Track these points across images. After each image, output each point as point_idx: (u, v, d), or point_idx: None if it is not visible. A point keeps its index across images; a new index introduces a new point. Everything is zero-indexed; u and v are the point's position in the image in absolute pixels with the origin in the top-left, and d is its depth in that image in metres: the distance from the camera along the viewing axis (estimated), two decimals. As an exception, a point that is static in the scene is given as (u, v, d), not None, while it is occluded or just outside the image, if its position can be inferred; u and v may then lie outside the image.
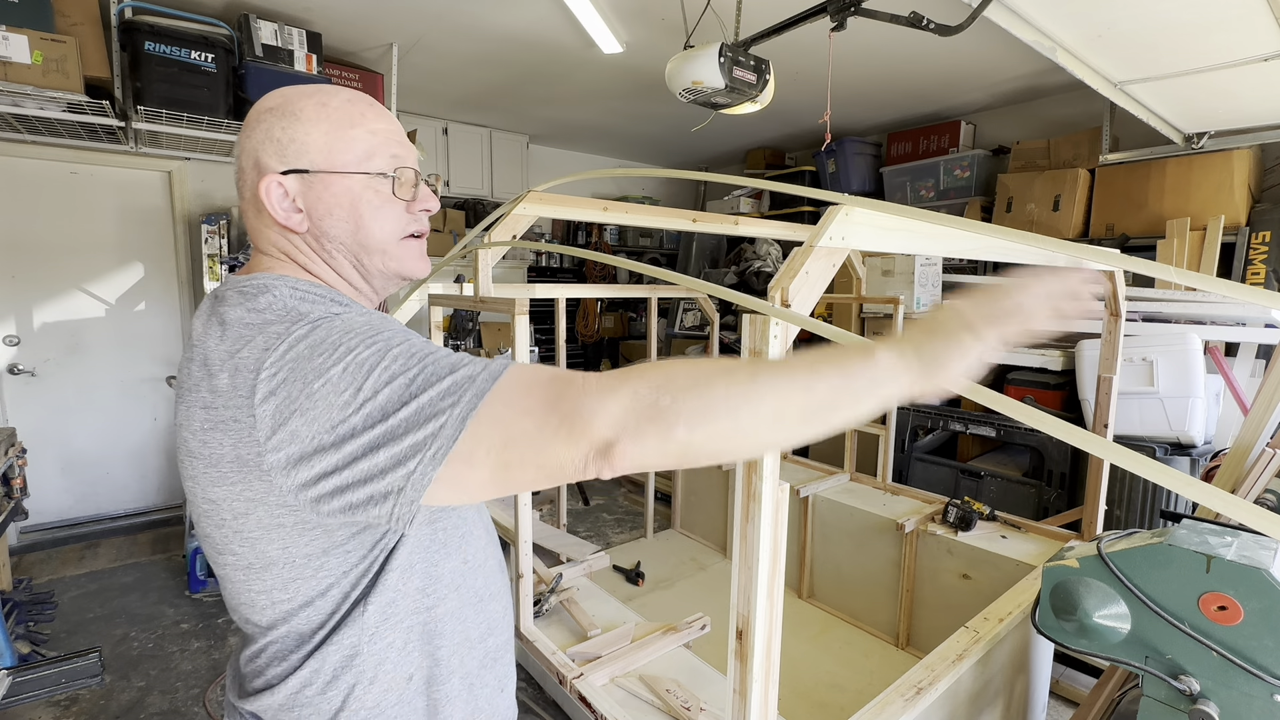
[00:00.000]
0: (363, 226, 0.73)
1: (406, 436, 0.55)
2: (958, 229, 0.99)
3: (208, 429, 0.63)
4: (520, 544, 1.78)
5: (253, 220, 0.74)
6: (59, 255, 3.50)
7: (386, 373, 0.58)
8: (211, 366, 0.64)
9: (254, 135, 0.71)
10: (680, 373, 0.56)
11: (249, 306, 0.67)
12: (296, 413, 0.58)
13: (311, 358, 0.59)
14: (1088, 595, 1.12)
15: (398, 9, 3.05)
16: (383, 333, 0.62)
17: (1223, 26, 2.00)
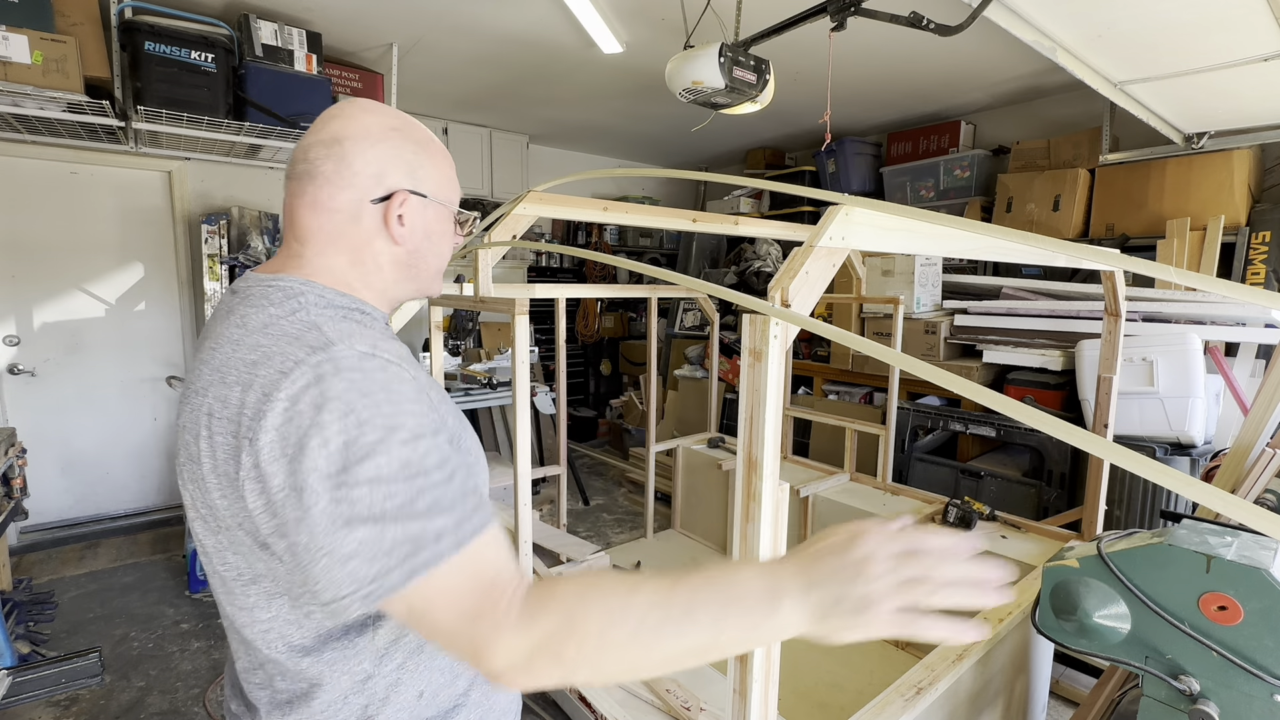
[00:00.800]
0: (435, 252, 0.81)
1: (391, 549, 0.58)
2: (958, 229, 0.99)
3: (211, 439, 0.64)
4: (520, 544, 1.78)
5: (333, 218, 0.74)
6: (59, 255, 3.50)
7: (410, 473, 0.60)
8: (226, 373, 0.64)
9: (378, 148, 0.74)
10: (595, 622, 0.58)
11: (273, 312, 0.68)
12: (304, 452, 0.59)
13: (323, 408, 0.59)
14: (1088, 595, 1.12)
15: (398, 9, 3.05)
16: (418, 418, 0.63)
17: (1223, 26, 2.00)
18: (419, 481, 0.60)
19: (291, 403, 0.60)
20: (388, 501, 0.58)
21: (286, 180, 0.76)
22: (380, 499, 0.58)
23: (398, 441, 0.61)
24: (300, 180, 0.74)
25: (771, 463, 0.93)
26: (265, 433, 0.60)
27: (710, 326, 3.56)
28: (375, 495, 0.58)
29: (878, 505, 2.66)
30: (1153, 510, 2.54)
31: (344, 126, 0.74)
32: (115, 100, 2.85)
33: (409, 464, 0.60)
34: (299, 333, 0.65)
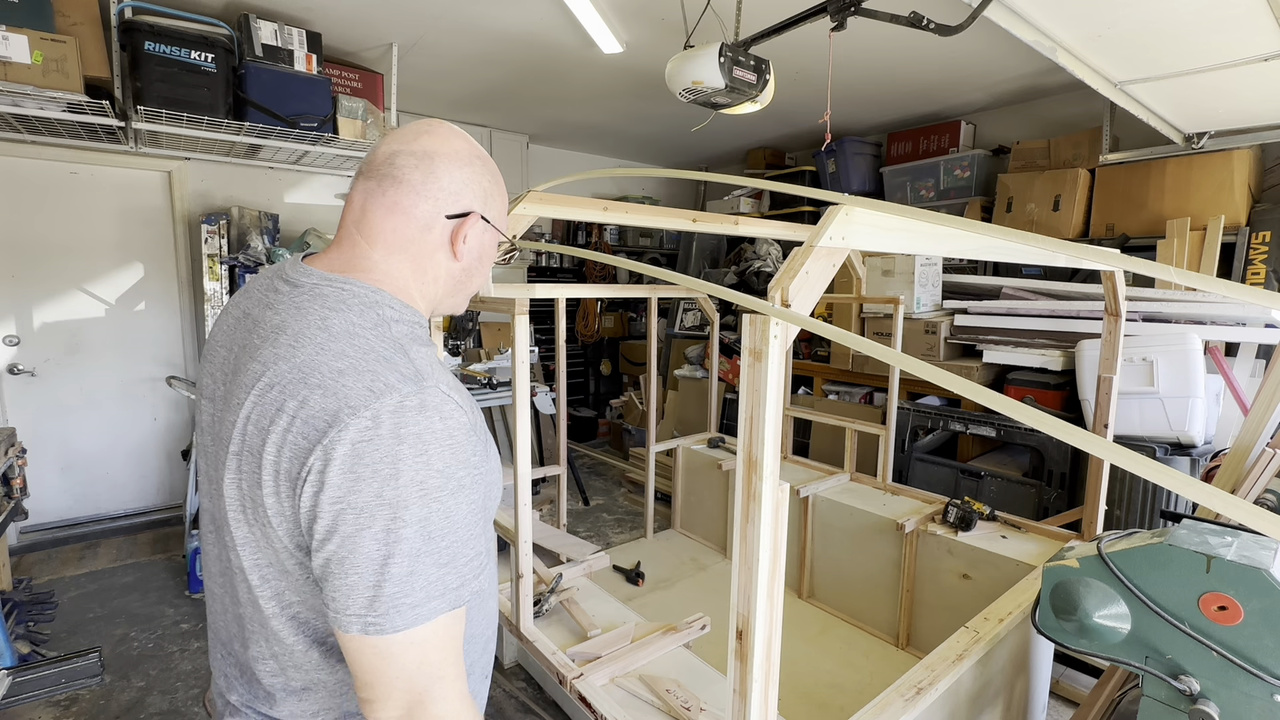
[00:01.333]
0: (481, 273, 0.87)
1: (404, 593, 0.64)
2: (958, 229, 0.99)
3: (280, 436, 0.65)
4: (520, 544, 1.78)
5: (409, 223, 0.77)
6: (59, 255, 3.50)
7: (400, 562, 0.64)
8: (309, 374, 0.66)
9: (468, 171, 0.80)
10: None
11: (355, 320, 0.70)
12: (335, 537, 0.63)
13: (400, 445, 0.63)
14: (1088, 595, 1.12)
15: (398, 9, 3.05)
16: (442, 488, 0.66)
17: (1223, 26, 2.00)
18: (449, 538, 0.66)
19: (375, 425, 0.63)
20: (423, 548, 0.64)
21: (362, 179, 0.78)
22: (419, 542, 0.63)
23: (447, 491, 0.65)
24: (383, 181, 0.77)
25: (771, 463, 0.93)
26: (342, 444, 0.62)
27: (710, 326, 3.56)
28: (417, 538, 0.63)
29: (878, 505, 2.66)
30: (1153, 510, 2.54)
31: (437, 144, 0.79)
32: (115, 100, 2.85)
33: (448, 515, 0.66)
34: (389, 354, 0.68)
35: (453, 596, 0.66)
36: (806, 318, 0.89)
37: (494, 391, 3.88)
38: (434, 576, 0.65)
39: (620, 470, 4.89)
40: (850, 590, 2.73)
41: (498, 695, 2.38)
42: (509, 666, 2.53)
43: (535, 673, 2.46)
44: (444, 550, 0.65)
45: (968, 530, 2.35)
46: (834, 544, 2.77)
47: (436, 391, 0.67)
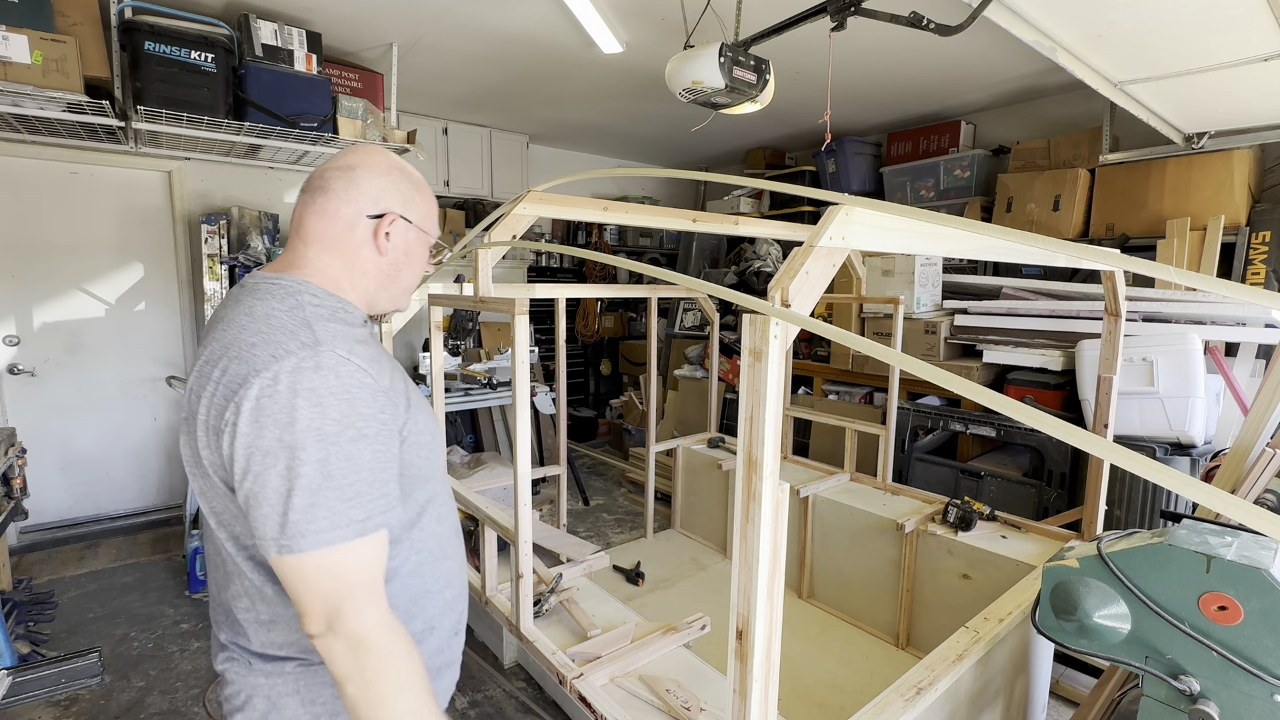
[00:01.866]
0: (410, 270, 1.00)
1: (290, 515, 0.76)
2: (958, 229, 0.99)
3: (209, 400, 0.80)
4: (520, 544, 1.78)
5: (334, 225, 0.92)
6: (59, 255, 3.50)
7: (300, 496, 0.76)
8: (230, 348, 0.81)
9: (386, 179, 0.95)
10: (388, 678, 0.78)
11: (274, 305, 0.85)
12: (266, 427, 0.77)
13: (296, 396, 0.77)
14: (1088, 595, 1.12)
15: (398, 9, 3.05)
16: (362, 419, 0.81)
17: (1223, 26, 2.00)
18: (351, 477, 0.78)
19: (274, 381, 0.77)
20: (322, 484, 0.76)
21: (301, 194, 0.94)
22: (318, 479, 0.76)
23: (346, 438, 0.79)
24: (314, 194, 0.93)
25: (771, 463, 0.93)
26: (249, 400, 0.76)
27: (710, 326, 3.56)
28: (315, 475, 0.76)
29: (878, 505, 2.66)
30: (1153, 510, 2.54)
31: (359, 159, 0.94)
32: (115, 100, 2.85)
33: (350, 457, 0.78)
34: (294, 328, 0.82)
35: (358, 527, 0.78)
36: (806, 318, 0.89)
37: (494, 391, 3.88)
38: (338, 509, 0.77)
39: (620, 470, 4.89)
40: (850, 590, 2.73)
41: (498, 695, 2.38)
42: (509, 666, 2.53)
43: (535, 673, 2.46)
44: (347, 487, 0.78)
45: (968, 530, 2.35)
46: (834, 544, 2.77)
47: (332, 355, 0.81)
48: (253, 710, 0.89)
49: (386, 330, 2.36)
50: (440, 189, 4.98)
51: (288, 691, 0.89)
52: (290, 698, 0.89)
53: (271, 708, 0.89)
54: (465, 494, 2.08)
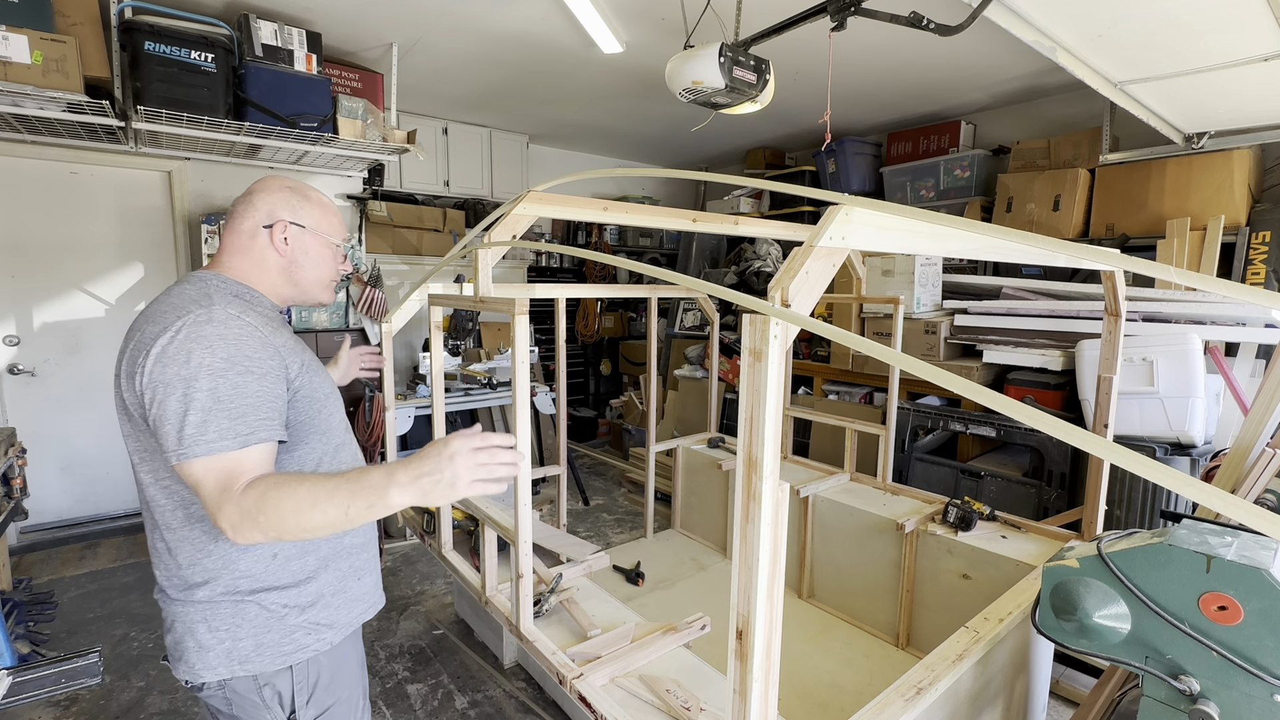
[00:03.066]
0: (313, 266, 1.23)
1: (183, 432, 0.95)
2: (958, 229, 0.99)
3: (132, 354, 1.02)
4: (520, 544, 1.78)
5: (241, 240, 1.17)
6: (59, 255, 3.50)
7: (209, 388, 0.97)
8: (149, 317, 1.04)
9: (275, 196, 1.19)
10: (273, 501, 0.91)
11: (188, 288, 1.08)
12: (163, 364, 0.98)
13: (190, 342, 0.98)
14: (1088, 595, 1.12)
15: (398, 9, 3.05)
16: (234, 359, 1.00)
17: (1223, 26, 2.00)
18: (237, 402, 0.97)
19: (176, 332, 0.99)
20: (213, 406, 0.96)
21: (224, 221, 1.25)
22: (209, 402, 0.95)
23: (233, 372, 0.99)
24: (227, 219, 1.20)
25: (771, 463, 0.93)
26: (157, 346, 0.98)
27: (710, 326, 3.56)
28: (206, 399, 0.96)
29: (878, 505, 2.66)
30: (1153, 510, 2.54)
31: (256, 187, 1.20)
32: (115, 100, 2.85)
33: (237, 388, 0.98)
34: (196, 298, 1.05)
35: (243, 439, 0.96)
36: (806, 318, 0.89)
37: (494, 391, 3.88)
38: (225, 425, 0.95)
39: (620, 470, 4.89)
40: (850, 590, 2.73)
41: (498, 695, 2.38)
42: (509, 666, 2.53)
43: (535, 672, 2.46)
44: (234, 409, 0.97)
45: (968, 530, 2.35)
46: (834, 544, 2.77)
47: (224, 312, 1.02)
48: (174, 633, 1.11)
49: (386, 330, 2.36)
50: (440, 189, 4.98)
51: (198, 619, 1.08)
52: (200, 624, 1.07)
53: (187, 631, 1.08)
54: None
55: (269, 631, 1.09)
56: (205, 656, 1.07)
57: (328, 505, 0.91)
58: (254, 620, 1.08)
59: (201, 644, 1.07)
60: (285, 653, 1.10)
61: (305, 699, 1.14)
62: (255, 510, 0.91)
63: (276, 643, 1.09)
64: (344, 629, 1.20)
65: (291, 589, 1.11)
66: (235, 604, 1.08)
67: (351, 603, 1.22)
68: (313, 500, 0.91)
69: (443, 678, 2.48)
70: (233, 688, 1.09)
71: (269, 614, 1.09)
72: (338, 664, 1.20)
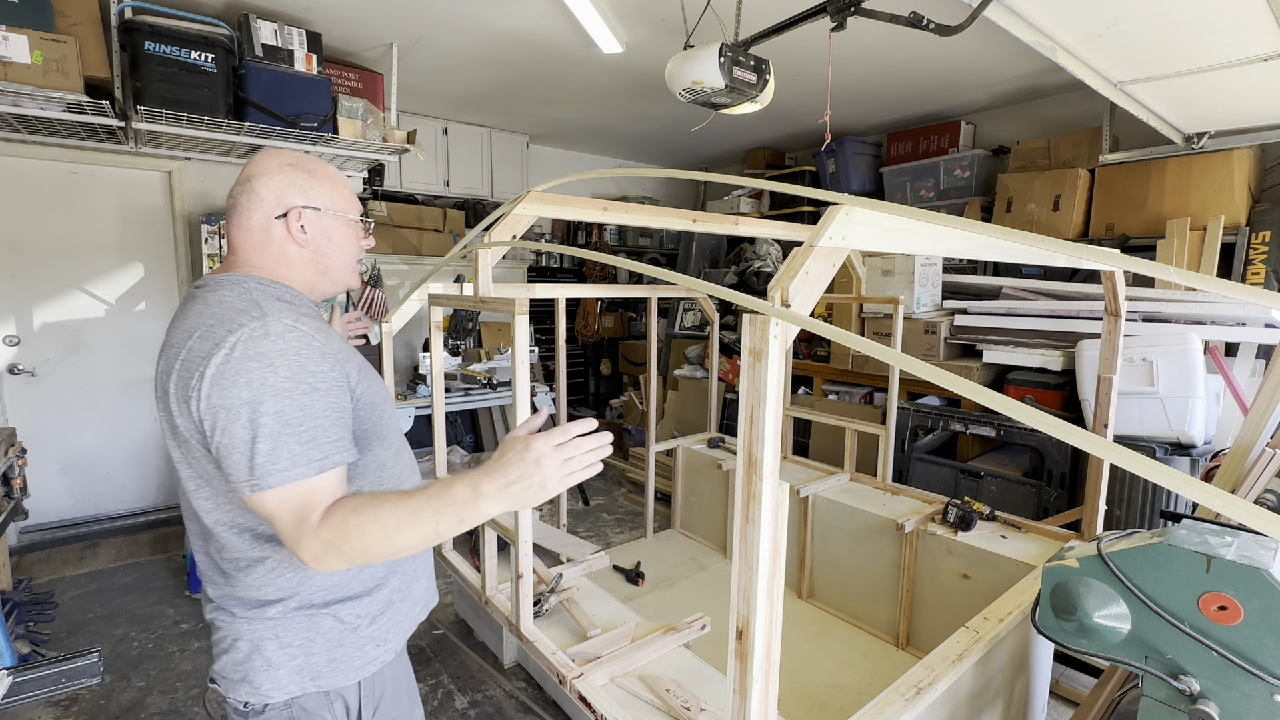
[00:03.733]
0: (339, 249, 1.10)
1: (253, 460, 0.88)
2: (958, 229, 0.99)
3: (182, 370, 0.92)
4: (520, 544, 1.78)
5: (255, 235, 1.04)
6: (59, 255, 3.50)
7: (278, 409, 0.88)
8: (193, 331, 0.93)
9: (278, 179, 1.03)
10: (357, 528, 0.87)
11: (225, 294, 0.97)
12: (222, 388, 0.88)
13: (248, 359, 0.88)
14: (1088, 595, 1.12)
15: (398, 9, 3.05)
16: (303, 377, 0.91)
17: (1223, 26, 2.00)
18: (306, 424, 0.89)
19: (231, 349, 0.88)
20: (281, 430, 0.88)
21: (226, 215, 1.07)
22: (277, 427, 0.87)
23: (299, 391, 0.90)
24: (229, 212, 1.05)
25: (771, 463, 0.93)
26: (211, 366, 0.88)
27: (710, 326, 3.56)
28: (274, 424, 0.87)
29: (878, 505, 2.66)
30: (1153, 510, 2.54)
31: (253, 169, 1.04)
32: (115, 100, 2.85)
33: (304, 408, 0.90)
34: (245, 308, 0.94)
35: (317, 464, 0.89)
36: (806, 318, 0.89)
37: (494, 391, 3.88)
38: (297, 450, 0.88)
39: (620, 470, 4.89)
40: (850, 590, 2.73)
41: (498, 695, 2.38)
42: (509, 666, 2.53)
43: (535, 672, 2.46)
44: (304, 432, 0.89)
45: (968, 530, 2.35)
46: (834, 544, 2.77)
47: (279, 323, 0.92)
48: (237, 652, 1.02)
49: (386, 330, 2.36)
50: (440, 189, 4.98)
51: (268, 635, 1.00)
52: (270, 641, 1.00)
53: (254, 649, 1.00)
54: (465, 494, 2.08)
55: (342, 645, 1.04)
56: (274, 675, 1.00)
57: (415, 526, 0.88)
58: (328, 633, 1.03)
59: (270, 662, 1.00)
60: (357, 666, 1.06)
61: (372, 711, 1.09)
62: (338, 540, 0.87)
63: (349, 656, 1.05)
64: (406, 632, 1.16)
65: (365, 598, 1.07)
66: (310, 618, 1.02)
67: (412, 606, 1.18)
68: (398, 523, 0.88)
69: (443, 678, 2.48)
70: (301, 705, 1.03)
71: (343, 626, 1.04)
72: (398, 673, 1.17)
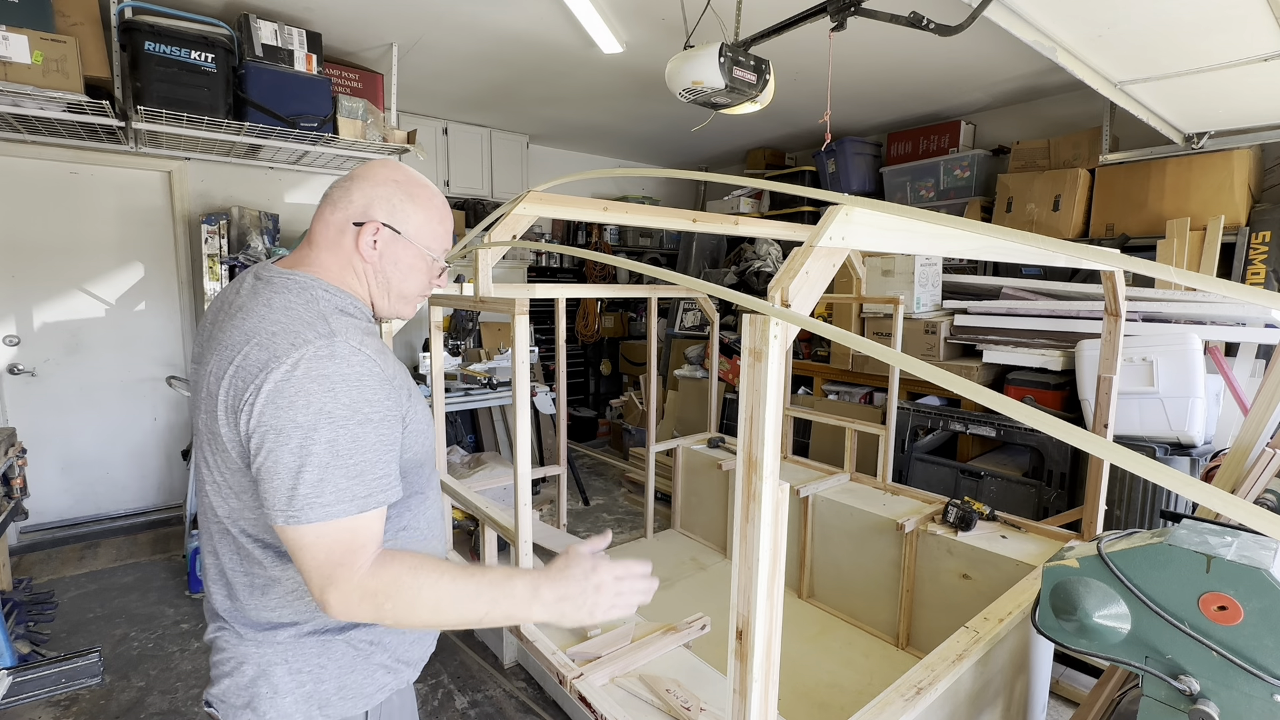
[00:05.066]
0: (402, 279, 1.04)
1: (296, 490, 0.82)
2: (958, 229, 0.99)
3: (230, 382, 0.86)
4: (520, 544, 1.78)
5: (330, 235, 1.00)
6: (59, 255, 3.50)
7: (310, 472, 0.83)
8: (252, 337, 0.87)
9: (377, 190, 0.99)
10: (409, 593, 0.84)
11: (291, 299, 0.92)
12: (278, 409, 0.83)
13: (309, 382, 0.83)
14: (1088, 595, 1.12)
15: (398, 9, 3.05)
16: (360, 406, 0.86)
17: (1223, 26, 2.00)
18: (356, 458, 0.84)
19: (293, 367, 0.83)
20: (331, 462, 0.83)
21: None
22: (328, 458, 0.82)
23: (354, 421, 0.85)
24: (322, 203, 1.02)
25: (771, 463, 0.93)
26: (269, 382, 0.83)
27: (710, 326, 3.56)
28: (325, 454, 0.82)
29: (878, 505, 2.66)
30: (1153, 510, 2.54)
31: (361, 171, 1.01)
32: (115, 100, 2.85)
33: (357, 440, 0.85)
34: (311, 320, 0.89)
35: (361, 502, 0.84)
36: (806, 318, 0.89)
37: (494, 391, 3.88)
38: (343, 485, 0.83)
39: (620, 470, 4.89)
40: (850, 590, 2.73)
41: (498, 695, 2.38)
42: (509, 666, 2.53)
43: (535, 672, 2.46)
44: (352, 466, 0.84)
45: (968, 530, 2.35)
46: (834, 544, 2.77)
47: (345, 345, 0.87)
48: (241, 676, 0.95)
49: (386, 330, 2.36)
50: (440, 189, 4.97)
51: (277, 660, 0.95)
52: (279, 666, 0.94)
53: (260, 674, 0.94)
54: (465, 494, 2.08)
55: (353, 671, 0.99)
56: (279, 702, 0.94)
57: (467, 607, 0.86)
58: (339, 660, 0.97)
59: (277, 688, 0.94)
60: (367, 694, 1.00)
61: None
62: (384, 595, 0.83)
63: (359, 684, 0.99)
64: (420, 664, 1.10)
65: (379, 623, 0.98)
66: (323, 643, 0.96)
67: (425, 633, 1.11)
68: (454, 600, 0.85)
69: (443, 677, 2.48)
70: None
71: (356, 652, 0.99)
72: (405, 700, 1.11)
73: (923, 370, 0.76)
